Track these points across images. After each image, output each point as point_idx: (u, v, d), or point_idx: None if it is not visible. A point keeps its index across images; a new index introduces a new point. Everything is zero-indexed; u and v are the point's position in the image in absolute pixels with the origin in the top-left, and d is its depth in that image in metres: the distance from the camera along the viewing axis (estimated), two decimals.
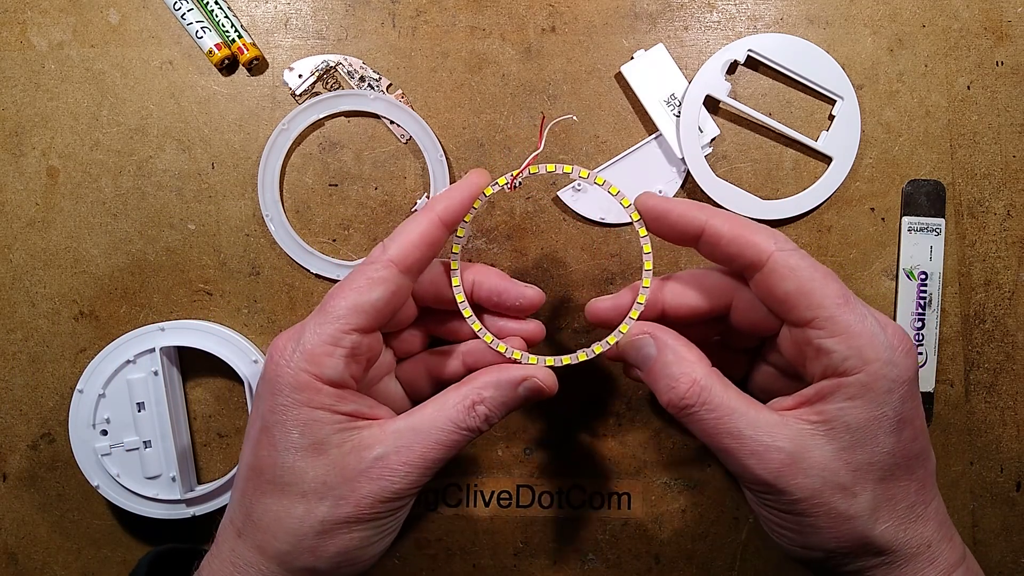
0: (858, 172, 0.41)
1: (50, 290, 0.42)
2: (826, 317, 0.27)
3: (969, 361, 0.41)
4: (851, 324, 0.27)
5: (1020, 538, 0.41)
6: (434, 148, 0.40)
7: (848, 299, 0.28)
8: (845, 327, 0.27)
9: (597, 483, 0.42)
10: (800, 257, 0.28)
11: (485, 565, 0.42)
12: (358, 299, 0.30)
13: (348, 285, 0.30)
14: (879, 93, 0.41)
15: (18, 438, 0.42)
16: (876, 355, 0.27)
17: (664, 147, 0.41)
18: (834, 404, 0.27)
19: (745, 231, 0.29)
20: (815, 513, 0.28)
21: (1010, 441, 0.41)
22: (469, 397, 0.30)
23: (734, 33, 0.41)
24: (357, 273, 0.30)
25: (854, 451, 0.27)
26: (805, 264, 0.28)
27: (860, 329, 0.27)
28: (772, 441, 0.27)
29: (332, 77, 0.42)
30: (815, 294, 0.27)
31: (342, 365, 0.29)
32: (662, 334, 0.31)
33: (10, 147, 0.42)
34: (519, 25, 0.41)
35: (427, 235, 0.31)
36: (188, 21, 0.41)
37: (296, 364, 0.29)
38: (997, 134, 0.41)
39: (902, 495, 0.28)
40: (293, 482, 0.29)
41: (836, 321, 0.27)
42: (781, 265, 0.28)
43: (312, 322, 0.30)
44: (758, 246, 0.29)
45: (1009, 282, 0.41)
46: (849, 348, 0.27)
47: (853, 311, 0.27)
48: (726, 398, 0.28)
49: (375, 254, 0.31)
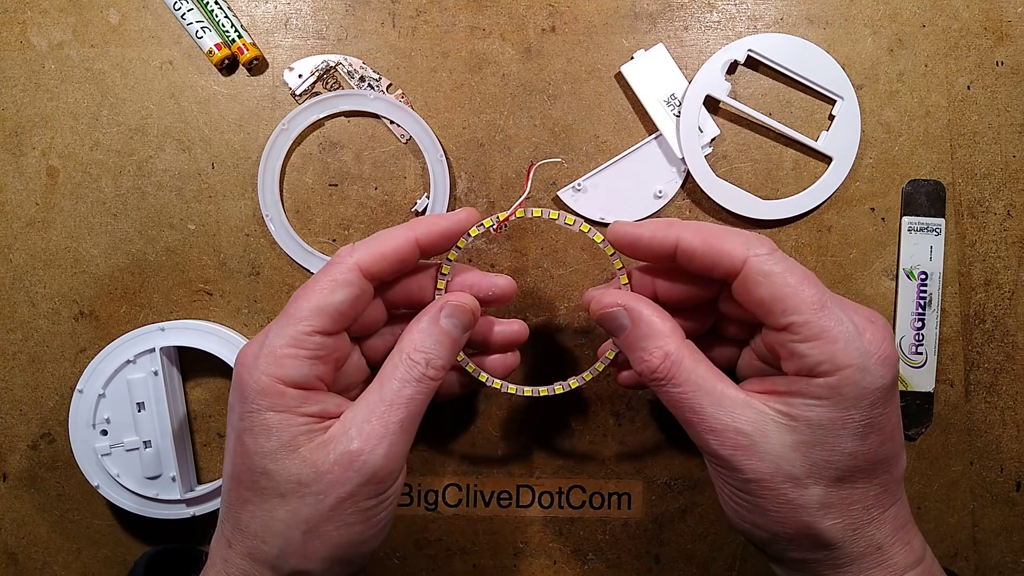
0: (858, 172, 0.41)
1: (50, 290, 0.42)
2: (801, 323, 0.27)
3: (969, 361, 0.41)
4: (826, 329, 0.27)
5: (1020, 538, 0.41)
6: (434, 148, 0.40)
7: (824, 304, 0.27)
8: (819, 332, 0.27)
9: (597, 483, 0.42)
10: (775, 261, 0.28)
11: (485, 565, 0.42)
12: (321, 301, 0.30)
13: (311, 287, 0.30)
14: (879, 93, 0.41)
15: (18, 438, 0.42)
16: (849, 360, 0.27)
17: (664, 147, 0.41)
18: (801, 400, 0.27)
19: (716, 240, 0.29)
20: (764, 496, 0.28)
21: (1010, 441, 0.41)
22: (404, 351, 0.31)
23: (734, 33, 0.41)
24: (321, 274, 0.31)
25: (813, 448, 0.27)
26: (779, 269, 0.28)
27: (835, 334, 0.27)
28: (732, 421, 0.28)
29: (332, 77, 0.42)
30: (789, 300, 0.27)
31: (306, 367, 0.29)
32: (636, 304, 0.31)
33: (10, 147, 0.42)
34: (519, 25, 0.41)
35: (399, 250, 0.31)
36: (188, 21, 0.41)
37: (260, 369, 0.29)
38: (997, 134, 0.41)
39: (859, 497, 0.28)
40: (270, 486, 0.29)
41: (811, 326, 0.27)
42: (755, 272, 0.28)
43: (276, 325, 0.30)
44: (731, 255, 0.29)
45: (1009, 282, 0.41)
46: (822, 353, 0.27)
47: (829, 316, 0.27)
48: (694, 374, 0.29)
49: (342, 254, 0.31)
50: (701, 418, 0.28)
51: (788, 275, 0.28)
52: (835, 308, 0.27)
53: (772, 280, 0.28)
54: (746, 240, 0.29)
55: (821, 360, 0.27)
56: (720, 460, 0.29)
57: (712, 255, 0.29)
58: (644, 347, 0.30)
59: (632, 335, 0.31)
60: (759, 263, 0.28)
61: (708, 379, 0.29)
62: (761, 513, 0.29)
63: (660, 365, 0.29)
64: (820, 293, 0.28)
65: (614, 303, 0.31)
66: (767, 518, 0.29)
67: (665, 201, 0.41)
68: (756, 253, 0.28)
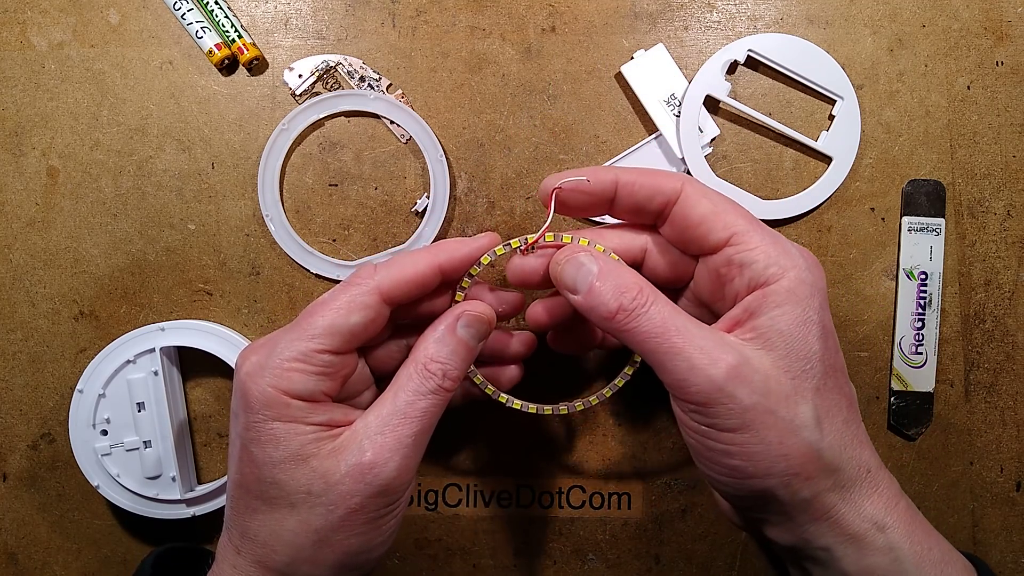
0: (858, 172, 0.41)
1: (50, 290, 0.42)
2: (742, 232, 0.29)
3: (969, 361, 0.41)
4: (765, 237, 0.29)
5: (1020, 538, 0.41)
6: (434, 148, 0.40)
7: (753, 221, 0.30)
8: (760, 240, 0.29)
9: (597, 483, 0.42)
10: (708, 188, 0.31)
11: (485, 565, 0.42)
12: (336, 320, 0.30)
13: (328, 304, 0.30)
14: (879, 93, 0.41)
15: (18, 438, 0.42)
16: (793, 263, 0.28)
17: (664, 147, 0.41)
18: (764, 315, 0.28)
19: (655, 174, 0.31)
20: (762, 424, 0.26)
21: (1010, 441, 0.41)
22: (419, 361, 0.31)
23: (734, 33, 0.41)
24: (340, 291, 0.30)
25: (790, 359, 0.28)
26: (713, 193, 0.30)
27: (773, 241, 0.29)
28: (717, 351, 0.27)
29: (332, 77, 0.42)
30: (728, 214, 0.30)
31: (312, 382, 0.29)
32: (599, 253, 0.31)
33: (10, 147, 0.42)
34: (519, 25, 0.41)
35: (421, 277, 0.31)
36: (188, 21, 0.41)
37: (265, 380, 0.29)
38: (997, 134, 0.41)
39: (836, 408, 0.28)
40: (280, 495, 0.29)
41: (751, 235, 0.29)
42: (692, 193, 0.30)
43: (285, 337, 0.30)
44: (669, 182, 0.31)
45: (1009, 282, 0.41)
46: (768, 256, 0.28)
47: (761, 227, 0.29)
48: (668, 308, 0.28)
49: (363, 275, 0.31)
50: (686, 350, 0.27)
51: (720, 198, 0.30)
52: (763, 226, 0.30)
53: (711, 198, 0.30)
54: (679, 175, 0.31)
55: (769, 264, 0.28)
56: (708, 396, 0.27)
57: (651, 185, 0.31)
58: (617, 283, 0.29)
59: (602, 275, 0.29)
60: (695, 187, 0.31)
61: (683, 315, 0.28)
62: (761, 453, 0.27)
63: (638, 294, 0.28)
64: (749, 214, 0.30)
65: (573, 252, 0.31)
66: (769, 454, 0.27)
67: None
68: (691, 182, 0.31)
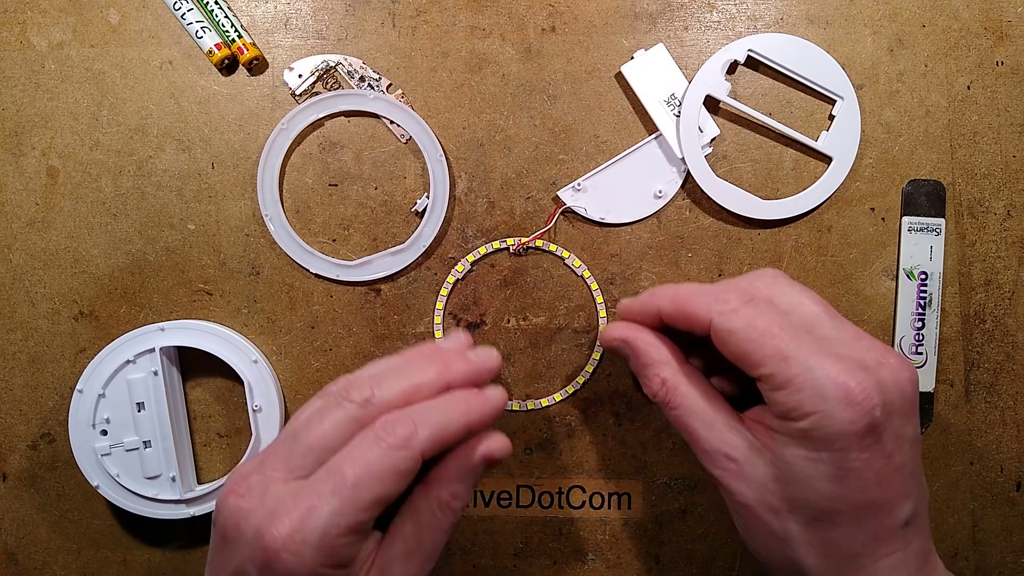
0: (858, 172, 0.41)
1: (50, 290, 0.42)
2: (767, 375, 0.28)
3: (969, 361, 0.41)
4: (791, 378, 0.28)
5: (1020, 538, 0.41)
6: (434, 148, 0.40)
7: (786, 355, 0.28)
8: (785, 382, 0.28)
9: (597, 483, 0.42)
10: (737, 318, 0.29)
11: (485, 565, 0.42)
12: (384, 492, 0.27)
13: (371, 466, 0.27)
14: (879, 93, 0.41)
15: (18, 438, 0.42)
16: (814, 407, 0.27)
17: (664, 147, 0.41)
18: (780, 436, 0.28)
19: (685, 304, 0.31)
20: (751, 521, 0.29)
21: (1010, 441, 0.41)
22: (443, 500, 0.29)
23: (734, 33, 0.41)
24: (385, 454, 0.27)
25: (789, 484, 0.28)
26: (740, 325, 0.29)
27: (800, 382, 0.27)
28: (721, 446, 0.30)
29: (332, 77, 0.42)
30: (754, 355, 0.28)
31: (359, 546, 0.27)
32: (635, 338, 0.33)
33: (10, 147, 0.42)
34: (519, 25, 0.41)
35: (457, 438, 0.29)
36: (188, 21, 0.41)
37: (312, 556, 0.26)
38: (997, 134, 0.41)
39: (842, 542, 0.28)
40: None
41: (776, 378, 0.28)
42: (718, 331, 0.29)
43: (326, 500, 0.27)
44: (697, 317, 0.30)
45: (1009, 282, 0.41)
46: (789, 400, 0.28)
47: (793, 365, 0.28)
48: (688, 398, 0.31)
49: (404, 436, 0.28)
50: (694, 439, 0.30)
51: (750, 330, 0.29)
52: (802, 354, 0.28)
53: (735, 338, 0.29)
54: (712, 298, 0.30)
55: (790, 407, 0.28)
56: (713, 480, 0.30)
57: (685, 319, 0.31)
58: (645, 374, 0.32)
59: (634, 364, 0.33)
60: (721, 322, 0.29)
61: (702, 404, 0.31)
62: (751, 536, 0.30)
63: (658, 391, 0.32)
64: (783, 341, 0.28)
65: (615, 337, 0.34)
66: (756, 543, 0.30)
67: (665, 201, 0.41)
68: (719, 312, 0.29)
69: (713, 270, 0.41)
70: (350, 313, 0.42)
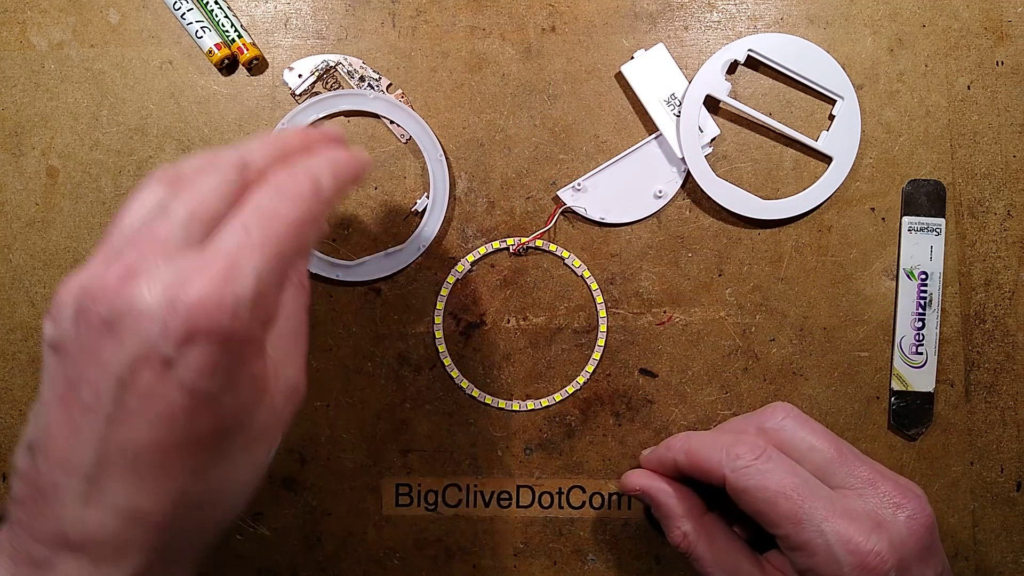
0: (858, 172, 0.41)
1: (50, 290, 0.42)
2: (782, 536, 0.29)
3: (969, 361, 0.41)
4: (807, 542, 0.29)
5: (1020, 538, 0.41)
6: (434, 148, 0.40)
7: (800, 518, 0.29)
8: (800, 544, 0.29)
9: (597, 483, 0.42)
10: (749, 476, 0.30)
11: (485, 565, 0.42)
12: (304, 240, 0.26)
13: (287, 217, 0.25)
14: (879, 93, 0.41)
15: (18, 438, 0.42)
16: (830, 572, 0.28)
17: (664, 147, 0.41)
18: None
19: (698, 460, 0.32)
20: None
21: (1010, 441, 0.41)
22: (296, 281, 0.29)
23: (734, 33, 0.41)
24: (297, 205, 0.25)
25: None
26: (754, 484, 0.30)
27: (815, 547, 0.28)
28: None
29: (332, 77, 0.42)
30: (769, 515, 0.30)
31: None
32: (654, 488, 0.35)
33: (10, 147, 0.42)
34: (519, 25, 0.41)
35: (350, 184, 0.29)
36: (188, 21, 0.41)
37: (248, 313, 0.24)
38: (997, 134, 0.41)
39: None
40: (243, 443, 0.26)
41: (790, 540, 0.29)
42: (733, 488, 0.31)
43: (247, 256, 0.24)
44: (712, 473, 0.31)
45: (1009, 282, 0.41)
46: (805, 563, 0.29)
47: (806, 529, 0.29)
48: (709, 551, 0.33)
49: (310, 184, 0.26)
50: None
51: (763, 491, 0.30)
52: (816, 516, 0.28)
53: (749, 497, 0.30)
54: (724, 453, 0.31)
55: (805, 568, 0.29)
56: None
57: (700, 473, 0.32)
58: (667, 525, 0.34)
59: (656, 513, 0.35)
60: (734, 480, 0.30)
61: (721, 555, 0.32)
62: None
63: (680, 543, 0.33)
64: (796, 504, 0.29)
65: (635, 486, 0.36)
66: None
67: (665, 201, 0.41)
68: (731, 469, 0.30)
69: (713, 270, 0.41)
70: (350, 313, 0.42)
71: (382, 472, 0.42)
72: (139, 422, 0.24)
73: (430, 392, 0.42)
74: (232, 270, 0.24)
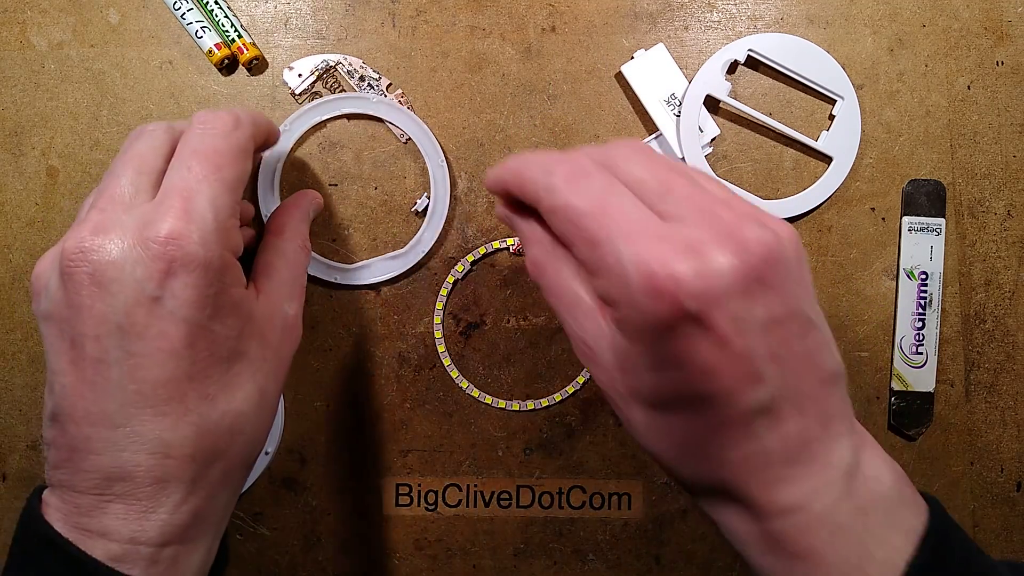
0: (858, 172, 0.41)
1: None
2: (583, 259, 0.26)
3: (969, 361, 0.41)
4: (603, 266, 0.25)
5: (1020, 538, 0.41)
6: (435, 152, 0.40)
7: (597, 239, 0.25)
8: (596, 268, 0.25)
9: (597, 483, 0.42)
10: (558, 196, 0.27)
11: (485, 565, 0.42)
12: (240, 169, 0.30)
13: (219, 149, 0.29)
14: (879, 93, 0.41)
15: (18, 438, 0.42)
16: (619, 295, 0.25)
17: (664, 147, 0.41)
18: (611, 324, 0.26)
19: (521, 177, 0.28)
20: (614, 407, 0.28)
21: (1010, 441, 0.41)
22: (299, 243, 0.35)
23: (734, 33, 0.41)
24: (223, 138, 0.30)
25: (624, 372, 0.26)
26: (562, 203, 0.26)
27: (608, 268, 0.25)
28: (579, 331, 0.27)
29: (332, 76, 0.42)
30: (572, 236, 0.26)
31: (240, 240, 0.29)
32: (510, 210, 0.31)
33: (10, 147, 0.42)
34: (519, 25, 0.41)
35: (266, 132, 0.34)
36: (188, 21, 0.41)
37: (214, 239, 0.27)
38: (997, 134, 0.41)
39: (682, 432, 0.26)
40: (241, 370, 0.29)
41: (590, 263, 0.26)
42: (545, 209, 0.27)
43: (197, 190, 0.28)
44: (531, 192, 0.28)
45: (1009, 282, 0.41)
46: (601, 287, 0.26)
47: (607, 248, 0.25)
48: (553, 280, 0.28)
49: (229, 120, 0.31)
50: (562, 323, 0.28)
51: (570, 210, 0.26)
52: (616, 237, 0.25)
53: (557, 217, 0.27)
54: (543, 168, 0.27)
55: (602, 292, 0.26)
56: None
57: (522, 192, 0.28)
58: (524, 251, 0.30)
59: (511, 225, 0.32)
60: (548, 200, 0.27)
61: (567, 287, 0.28)
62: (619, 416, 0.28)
63: (531, 270, 0.29)
64: (597, 223, 0.25)
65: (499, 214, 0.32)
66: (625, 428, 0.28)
67: None
68: (544, 187, 0.27)
69: None
70: (350, 313, 0.42)
71: (382, 472, 0.42)
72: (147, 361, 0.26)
73: (430, 392, 0.42)
74: (188, 203, 0.27)
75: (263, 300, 0.31)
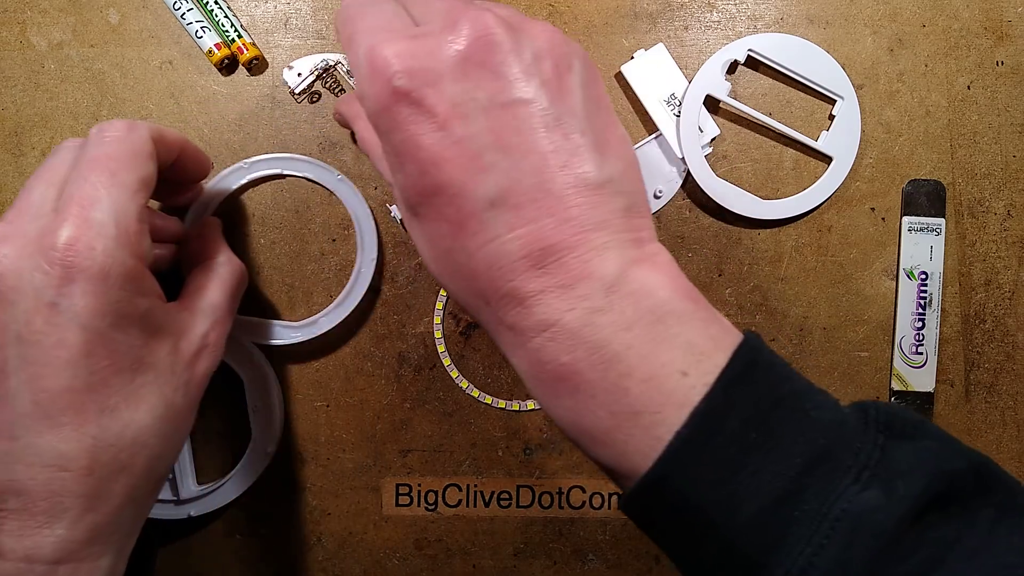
0: (858, 172, 0.41)
1: None
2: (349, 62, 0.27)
3: (969, 361, 0.41)
4: (355, 64, 0.25)
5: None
6: None
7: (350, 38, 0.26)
8: (354, 67, 0.26)
9: (597, 483, 0.42)
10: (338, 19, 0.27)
11: (485, 565, 0.42)
12: (141, 171, 0.29)
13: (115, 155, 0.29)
14: (879, 93, 0.41)
15: None
16: (358, 77, 0.25)
17: (664, 147, 0.41)
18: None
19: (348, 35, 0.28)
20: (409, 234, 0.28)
21: (1010, 441, 0.41)
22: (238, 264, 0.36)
23: (734, 33, 0.41)
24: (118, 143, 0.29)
25: (394, 184, 0.26)
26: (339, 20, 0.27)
27: (353, 59, 0.25)
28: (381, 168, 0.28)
29: (331, 76, 0.42)
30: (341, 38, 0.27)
31: (149, 247, 0.29)
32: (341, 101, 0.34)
33: (10, 147, 0.42)
34: None
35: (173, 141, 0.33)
36: (188, 21, 0.41)
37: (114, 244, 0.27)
38: (997, 134, 0.41)
39: (437, 240, 0.25)
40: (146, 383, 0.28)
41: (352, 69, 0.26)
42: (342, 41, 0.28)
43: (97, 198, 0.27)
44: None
45: (1009, 282, 0.41)
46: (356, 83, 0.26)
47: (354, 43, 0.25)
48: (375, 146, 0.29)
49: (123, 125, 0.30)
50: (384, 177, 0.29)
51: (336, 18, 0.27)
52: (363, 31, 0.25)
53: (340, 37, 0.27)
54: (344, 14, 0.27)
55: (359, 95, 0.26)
56: None
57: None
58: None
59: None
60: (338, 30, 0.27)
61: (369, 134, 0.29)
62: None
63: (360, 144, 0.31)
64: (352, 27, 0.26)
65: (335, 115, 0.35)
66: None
67: (665, 201, 0.41)
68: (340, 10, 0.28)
69: (713, 270, 0.41)
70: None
71: (382, 472, 0.42)
72: (44, 371, 0.26)
73: (430, 392, 0.42)
74: (86, 210, 0.27)
75: (184, 315, 0.31)
